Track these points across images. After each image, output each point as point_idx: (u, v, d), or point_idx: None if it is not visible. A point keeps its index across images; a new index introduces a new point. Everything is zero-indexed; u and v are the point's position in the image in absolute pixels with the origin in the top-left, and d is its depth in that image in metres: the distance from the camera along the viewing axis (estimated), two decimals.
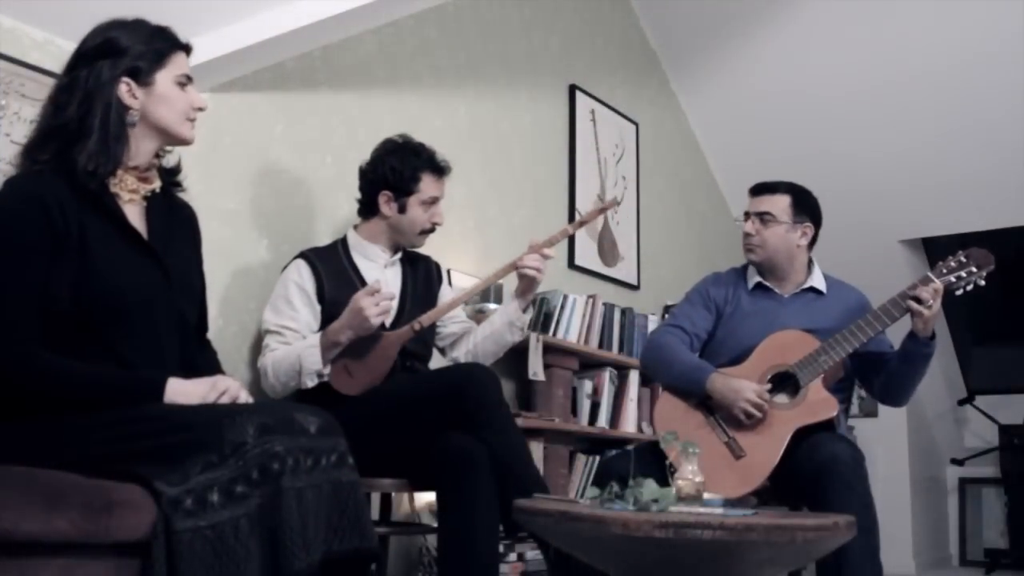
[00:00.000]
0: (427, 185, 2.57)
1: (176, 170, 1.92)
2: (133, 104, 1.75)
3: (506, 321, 2.58)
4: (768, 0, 4.53)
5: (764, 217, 2.61)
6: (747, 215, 2.66)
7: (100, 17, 1.81)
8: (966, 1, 4.13)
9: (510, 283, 3.36)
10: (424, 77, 3.43)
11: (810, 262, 2.69)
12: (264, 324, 2.49)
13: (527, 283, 2.55)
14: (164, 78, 1.78)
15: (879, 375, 2.57)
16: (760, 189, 2.68)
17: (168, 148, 1.88)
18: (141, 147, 1.79)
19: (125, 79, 1.74)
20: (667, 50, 5.00)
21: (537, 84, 4.05)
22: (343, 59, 3.09)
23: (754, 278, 2.68)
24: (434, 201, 2.58)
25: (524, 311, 2.59)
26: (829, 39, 4.52)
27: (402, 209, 2.56)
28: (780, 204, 2.62)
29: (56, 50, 2.36)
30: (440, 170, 2.61)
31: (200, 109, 1.85)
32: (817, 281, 2.66)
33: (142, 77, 1.76)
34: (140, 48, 1.76)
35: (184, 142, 1.85)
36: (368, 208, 2.63)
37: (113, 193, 1.76)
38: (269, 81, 2.83)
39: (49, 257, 1.64)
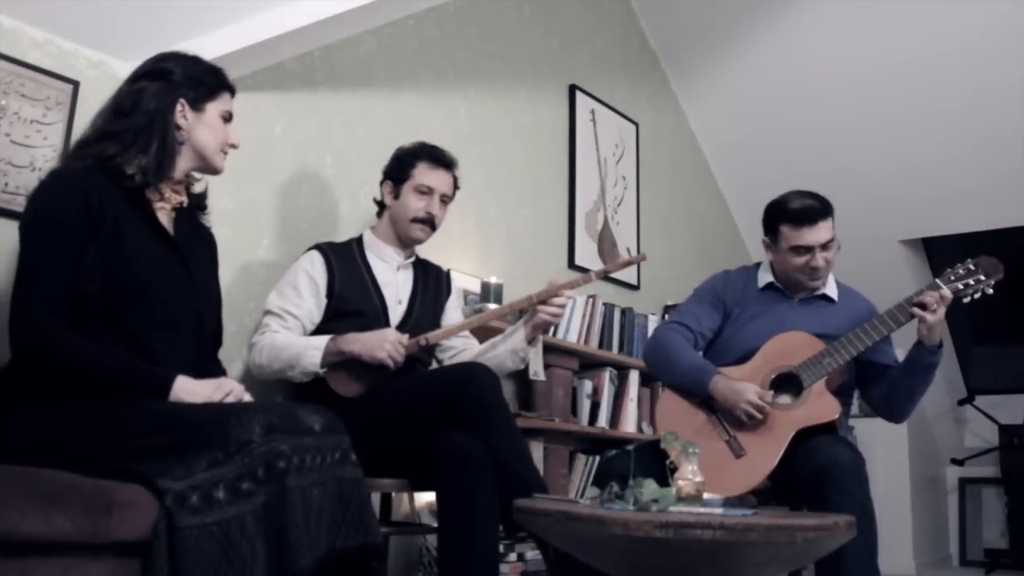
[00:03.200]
0: (421, 172, 2.61)
1: (203, 195, 2.05)
2: (183, 124, 1.89)
3: (509, 348, 2.58)
4: (768, 0, 4.53)
5: (828, 245, 2.52)
6: (806, 249, 2.51)
7: (100, 18, 1.83)
8: (967, 1, 4.13)
9: (509, 287, 3.37)
10: (424, 77, 3.43)
11: None
12: (267, 305, 2.50)
13: (541, 324, 2.53)
14: (213, 109, 1.94)
15: (880, 387, 2.54)
16: (815, 217, 2.50)
17: (197, 176, 2.02)
18: (180, 164, 1.92)
19: (182, 100, 1.89)
20: (667, 50, 5.00)
21: (537, 84, 4.05)
22: (343, 59, 3.09)
23: (766, 278, 2.67)
24: (430, 191, 2.60)
25: (530, 343, 2.59)
26: (829, 39, 4.52)
27: (397, 196, 2.62)
28: (831, 224, 2.53)
29: (56, 50, 2.36)
30: (438, 160, 2.63)
31: (233, 146, 1.99)
32: (830, 289, 2.63)
33: (196, 103, 1.91)
34: (195, 80, 1.92)
35: (214, 171, 1.99)
36: (380, 204, 2.70)
37: (147, 198, 1.87)
38: (269, 81, 2.83)
39: (83, 240, 1.72)
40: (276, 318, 2.46)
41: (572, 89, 4.25)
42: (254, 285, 2.71)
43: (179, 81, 1.89)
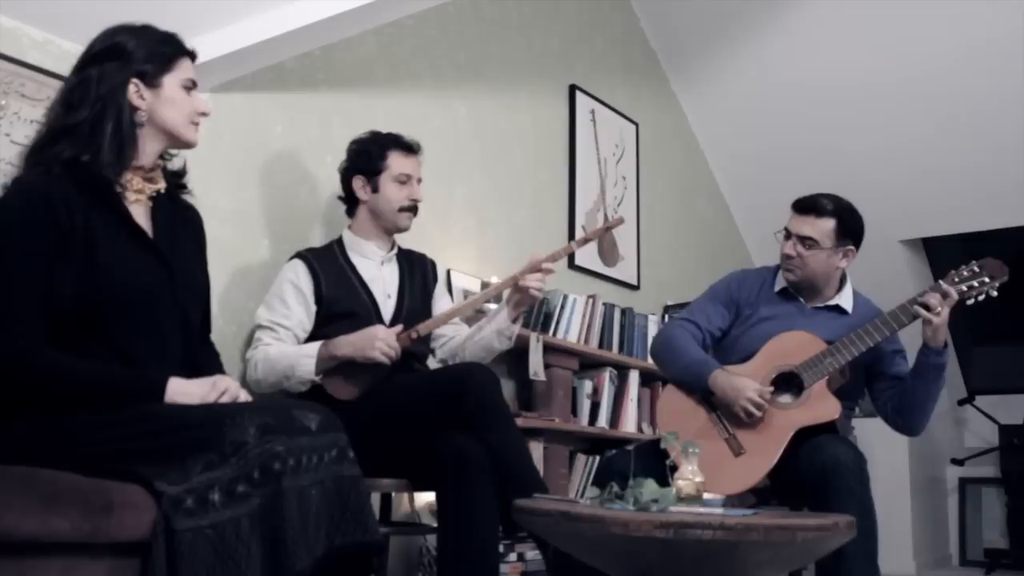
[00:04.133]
0: (396, 161, 2.60)
1: (181, 172, 1.95)
2: (141, 105, 1.79)
3: (495, 329, 2.58)
4: (768, 0, 4.53)
5: (806, 242, 2.53)
6: (788, 233, 2.57)
7: (100, 17, 1.81)
8: (965, 4, 4.13)
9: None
10: (424, 77, 3.43)
11: (843, 277, 2.63)
12: (257, 319, 2.51)
13: (525, 299, 2.53)
14: (171, 81, 1.82)
15: (893, 398, 2.52)
16: (806, 209, 2.55)
17: (173, 152, 1.92)
18: (147, 148, 1.82)
19: (134, 80, 1.78)
20: (667, 50, 5.00)
21: (537, 84, 4.05)
22: (343, 59, 3.09)
23: (782, 283, 2.65)
24: (407, 179, 2.61)
25: (514, 321, 2.59)
26: (829, 39, 4.52)
27: (376, 188, 2.60)
28: (824, 228, 2.52)
29: (56, 50, 2.36)
30: (407, 147, 2.64)
31: (204, 114, 1.88)
32: (844, 300, 2.61)
33: (150, 79, 1.80)
34: (148, 52, 1.80)
35: (188, 145, 1.89)
36: (350, 202, 2.67)
37: (119, 193, 1.78)
38: (269, 81, 2.82)
39: (54, 255, 1.65)
40: (267, 331, 2.46)
41: (572, 89, 4.25)
42: (254, 285, 2.71)
43: (129, 57, 1.77)
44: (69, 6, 2.25)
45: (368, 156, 2.61)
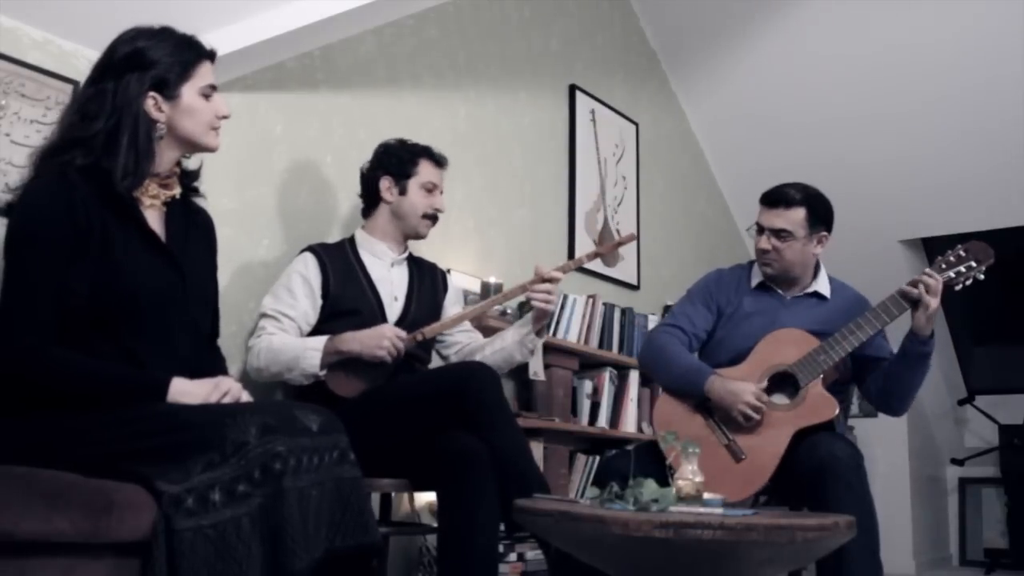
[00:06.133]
0: (425, 169, 2.63)
1: (196, 174, 1.95)
2: (159, 118, 1.79)
3: (517, 340, 2.59)
4: (768, 1, 4.53)
5: (780, 234, 2.53)
6: (760, 228, 2.57)
7: (100, 18, 1.82)
8: (966, 1, 4.13)
9: (509, 287, 3.37)
10: (424, 77, 3.43)
11: (817, 264, 2.65)
12: (262, 308, 2.51)
13: (539, 313, 2.54)
14: (189, 91, 1.81)
15: (877, 381, 2.53)
16: (774, 201, 2.56)
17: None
18: (165, 156, 1.83)
19: (152, 94, 1.77)
20: (667, 50, 5.00)
21: (537, 84, 4.05)
22: (343, 59, 3.09)
23: (758, 277, 2.66)
24: (433, 188, 2.64)
25: (538, 334, 2.60)
26: (829, 39, 4.52)
27: (403, 191, 2.63)
28: (796, 218, 2.52)
29: (56, 50, 2.36)
30: (437, 159, 2.68)
31: (224, 117, 1.88)
32: (822, 286, 2.62)
33: (168, 91, 1.79)
34: (167, 61, 1.79)
35: (208, 150, 1.90)
36: (370, 200, 2.68)
37: (135, 198, 1.79)
38: (269, 81, 2.83)
39: (70, 255, 1.67)
40: (272, 320, 2.46)
41: (572, 89, 4.25)
42: (254, 285, 2.71)
43: (149, 67, 1.75)
44: (69, 6, 2.25)
45: (399, 159, 2.63)
